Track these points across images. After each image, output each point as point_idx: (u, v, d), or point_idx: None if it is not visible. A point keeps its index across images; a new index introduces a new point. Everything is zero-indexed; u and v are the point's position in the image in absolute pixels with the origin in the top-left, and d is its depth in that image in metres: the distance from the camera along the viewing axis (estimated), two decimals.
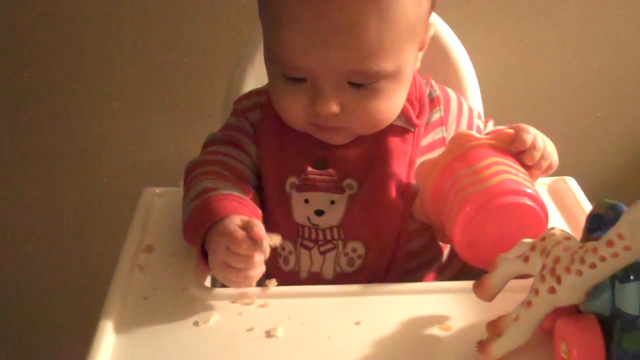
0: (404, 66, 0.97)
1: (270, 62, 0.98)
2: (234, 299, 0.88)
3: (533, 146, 0.96)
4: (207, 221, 0.90)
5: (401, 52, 0.95)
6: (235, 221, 0.88)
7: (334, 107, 0.94)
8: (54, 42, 1.50)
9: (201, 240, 0.90)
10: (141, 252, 0.98)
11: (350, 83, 0.94)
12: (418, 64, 1.03)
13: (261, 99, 1.06)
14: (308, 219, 1.00)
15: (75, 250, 1.67)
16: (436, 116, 1.04)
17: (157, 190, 1.14)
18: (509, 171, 0.92)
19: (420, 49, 1.02)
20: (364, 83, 0.94)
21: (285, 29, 0.93)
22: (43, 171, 1.61)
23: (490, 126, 1.10)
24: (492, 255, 0.83)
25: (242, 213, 0.90)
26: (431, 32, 1.02)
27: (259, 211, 0.95)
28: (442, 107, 1.05)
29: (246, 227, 0.86)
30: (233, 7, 1.46)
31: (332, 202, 1.00)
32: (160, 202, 1.12)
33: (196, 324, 0.84)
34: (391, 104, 0.98)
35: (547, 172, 0.99)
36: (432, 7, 1.01)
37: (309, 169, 1.00)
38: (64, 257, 1.68)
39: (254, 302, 0.87)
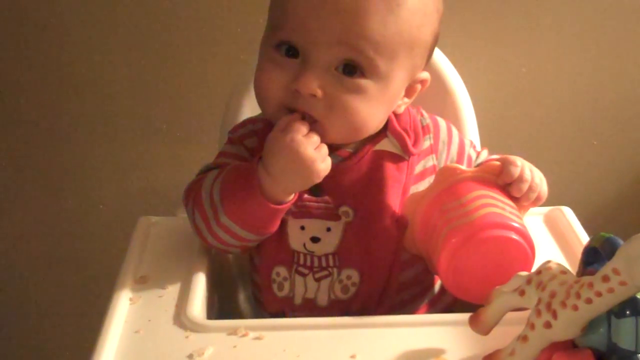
0: (392, 79, 0.97)
1: (269, 32, 0.98)
2: (229, 332, 0.87)
3: (520, 178, 0.96)
4: (250, 167, 0.95)
5: (396, 59, 0.96)
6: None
7: (316, 87, 0.94)
8: (50, 69, 1.50)
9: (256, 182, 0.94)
10: (136, 282, 0.98)
11: (338, 70, 0.94)
12: (402, 107, 1.03)
13: (256, 126, 1.07)
14: (304, 245, 1.00)
15: (71, 277, 1.66)
16: (426, 144, 1.04)
17: (153, 219, 1.14)
18: (495, 204, 0.92)
19: (408, 92, 1.02)
20: (353, 69, 0.94)
21: None
22: (39, 197, 1.60)
23: (485, 155, 1.10)
24: (477, 288, 0.83)
25: None
26: (423, 76, 1.03)
27: None
28: (431, 134, 1.05)
29: None
30: (230, 35, 1.46)
31: (328, 229, 1.00)
32: (156, 232, 1.11)
33: (190, 357, 0.83)
34: (370, 112, 0.97)
35: (536, 203, 0.99)
36: (431, 51, 1.03)
37: (305, 195, 1.00)
38: (60, 284, 1.67)
39: (249, 335, 0.86)
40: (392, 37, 0.94)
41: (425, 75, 1.03)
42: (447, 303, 1.06)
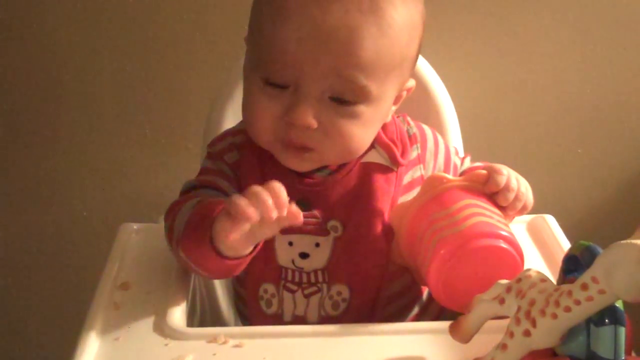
0: (384, 98, 0.96)
1: (256, 63, 0.95)
2: (208, 339, 0.87)
3: (506, 187, 0.96)
4: (213, 209, 0.87)
5: (387, 79, 0.94)
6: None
7: (311, 119, 0.92)
8: (33, 74, 1.50)
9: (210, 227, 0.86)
10: (117, 289, 0.98)
11: (331, 98, 0.92)
12: (389, 117, 1.02)
13: (236, 140, 1.04)
14: (292, 261, 0.98)
15: (53, 284, 1.66)
16: (414, 154, 1.03)
17: (135, 226, 1.13)
18: (483, 213, 0.91)
19: (395, 101, 1.01)
20: (347, 99, 0.92)
21: (282, 26, 0.91)
22: (22, 204, 1.60)
23: (468, 162, 1.09)
24: (467, 298, 0.82)
25: None
26: (409, 84, 1.02)
27: None
28: (419, 144, 1.04)
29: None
30: (214, 42, 1.46)
31: (317, 245, 0.98)
32: (138, 239, 1.11)
33: None
34: (365, 133, 0.96)
35: (522, 212, 0.99)
36: (417, 59, 1.02)
37: None
38: (41, 291, 1.67)
39: (229, 342, 0.86)
40: (384, 61, 0.93)
41: (411, 83, 1.02)
42: (435, 313, 1.05)
